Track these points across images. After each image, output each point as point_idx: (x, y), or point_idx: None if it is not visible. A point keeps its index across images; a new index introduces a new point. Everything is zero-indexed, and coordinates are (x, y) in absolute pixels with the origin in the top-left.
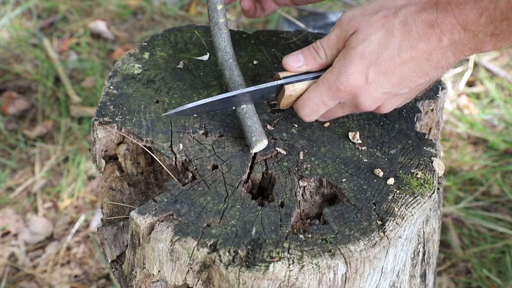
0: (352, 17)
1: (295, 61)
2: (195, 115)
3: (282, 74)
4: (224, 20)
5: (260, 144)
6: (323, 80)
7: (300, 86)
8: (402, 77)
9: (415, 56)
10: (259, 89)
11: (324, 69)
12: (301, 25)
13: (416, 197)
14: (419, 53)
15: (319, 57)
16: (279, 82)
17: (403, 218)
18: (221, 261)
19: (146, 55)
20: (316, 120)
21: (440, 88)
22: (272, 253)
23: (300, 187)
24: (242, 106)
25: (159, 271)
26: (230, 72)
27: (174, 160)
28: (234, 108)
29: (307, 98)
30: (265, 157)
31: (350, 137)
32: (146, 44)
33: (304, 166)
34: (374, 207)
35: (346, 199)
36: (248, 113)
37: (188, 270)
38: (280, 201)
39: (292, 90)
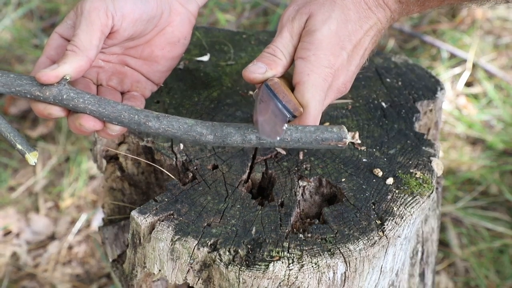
0: (298, 8)
1: (258, 69)
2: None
3: (257, 89)
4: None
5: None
6: (312, 75)
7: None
8: (365, 47)
9: (373, 25)
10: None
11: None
12: None
13: (415, 196)
14: (374, 21)
15: (279, 59)
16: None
17: (402, 218)
18: (221, 260)
19: None
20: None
21: (439, 89)
22: (272, 252)
23: (300, 187)
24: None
25: (159, 270)
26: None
27: (175, 160)
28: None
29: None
30: (265, 157)
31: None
32: None
33: (304, 166)
34: (373, 207)
35: (346, 199)
36: None
37: (189, 269)
38: (280, 200)
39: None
